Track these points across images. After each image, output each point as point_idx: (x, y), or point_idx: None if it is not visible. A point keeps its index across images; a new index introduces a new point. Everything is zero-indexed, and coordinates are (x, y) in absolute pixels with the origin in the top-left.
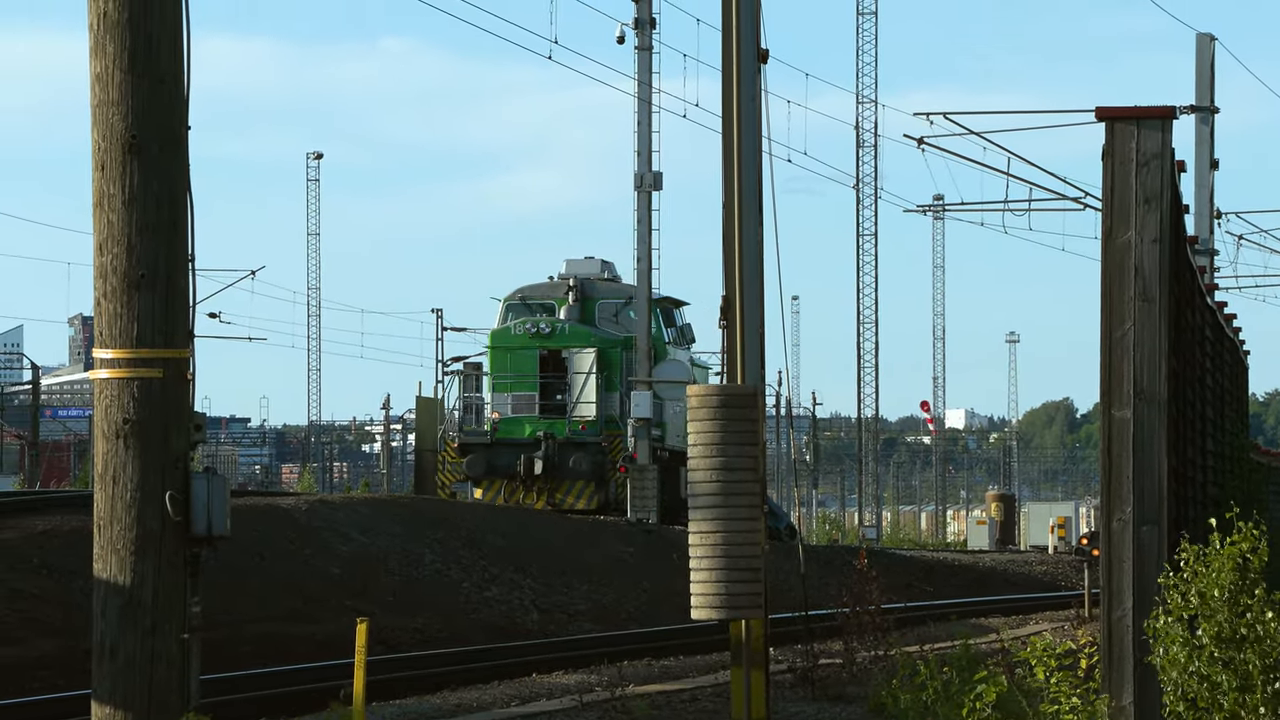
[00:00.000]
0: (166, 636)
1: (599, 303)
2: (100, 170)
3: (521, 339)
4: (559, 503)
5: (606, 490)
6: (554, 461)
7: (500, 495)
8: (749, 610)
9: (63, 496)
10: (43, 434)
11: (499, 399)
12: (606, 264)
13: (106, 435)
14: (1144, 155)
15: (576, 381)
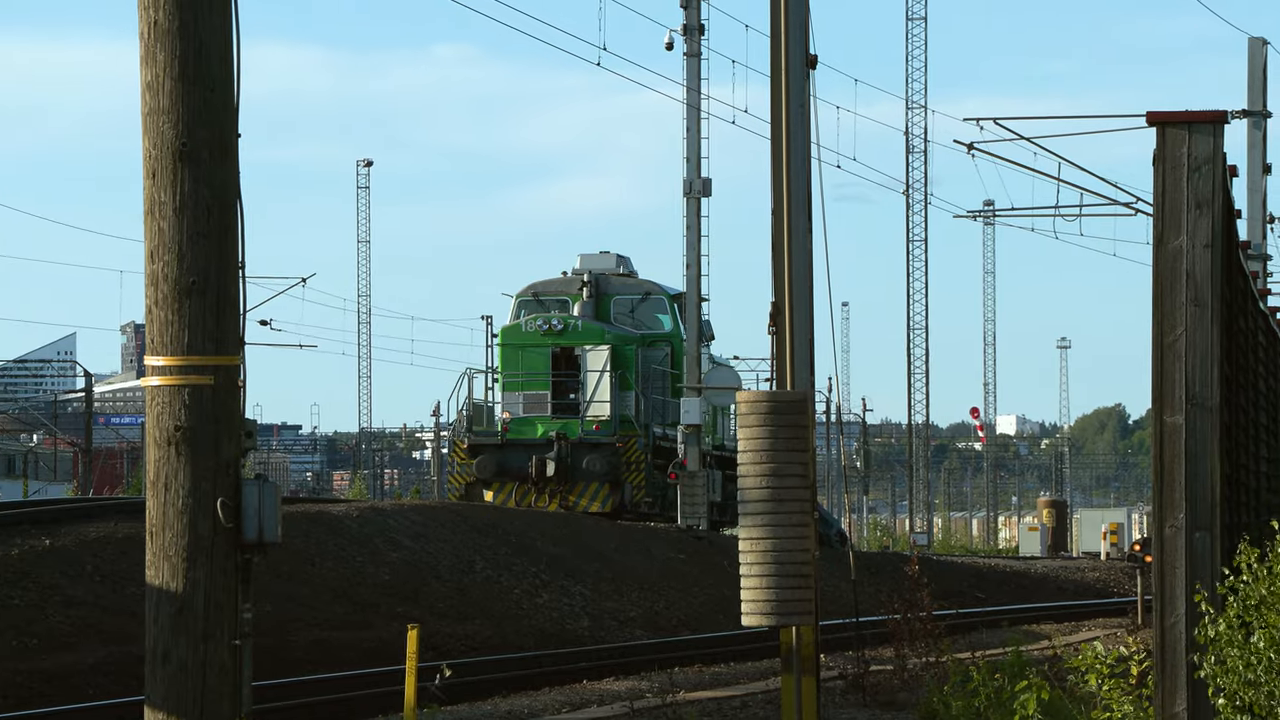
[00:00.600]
0: (218, 643)
1: (614, 299)
2: (151, 178)
3: (533, 336)
4: (572, 506)
5: (622, 493)
6: (567, 463)
7: (511, 498)
8: (800, 617)
9: (115, 503)
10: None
11: (510, 398)
12: (622, 259)
13: (158, 442)
14: (1195, 160)
15: (590, 380)
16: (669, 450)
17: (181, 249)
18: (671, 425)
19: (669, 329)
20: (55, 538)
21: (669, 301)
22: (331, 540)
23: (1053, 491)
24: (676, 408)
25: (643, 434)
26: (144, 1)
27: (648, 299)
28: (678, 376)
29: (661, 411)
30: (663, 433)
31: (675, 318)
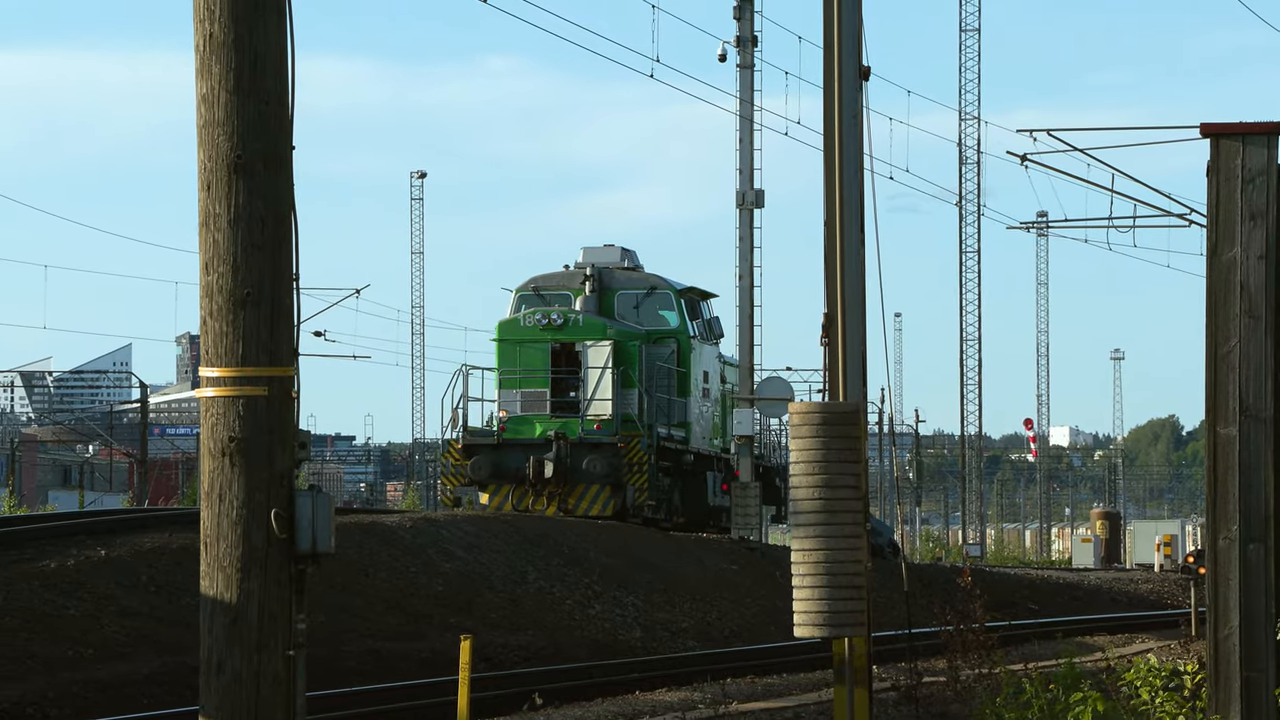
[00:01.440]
0: (272, 653)
1: (619, 294)
2: (206, 190)
3: (532, 331)
4: (572, 509)
5: (623, 495)
6: (566, 464)
7: (508, 501)
8: (852, 628)
9: (170, 514)
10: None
11: (506, 396)
12: (627, 252)
13: (212, 453)
14: (1249, 171)
15: (591, 377)
16: (674, 451)
17: (236, 261)
18: (678, 425)
19: (675, 325)
20: (111, 548)
21: (675, 297)
22: (385, 551)
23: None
24: (683, 407)
25: (646, 434)
26: (200, 14)
27: (653, 294)
28: (684, 374)
29: (667, 411)
30: (668, 433)
31: (682, 313)
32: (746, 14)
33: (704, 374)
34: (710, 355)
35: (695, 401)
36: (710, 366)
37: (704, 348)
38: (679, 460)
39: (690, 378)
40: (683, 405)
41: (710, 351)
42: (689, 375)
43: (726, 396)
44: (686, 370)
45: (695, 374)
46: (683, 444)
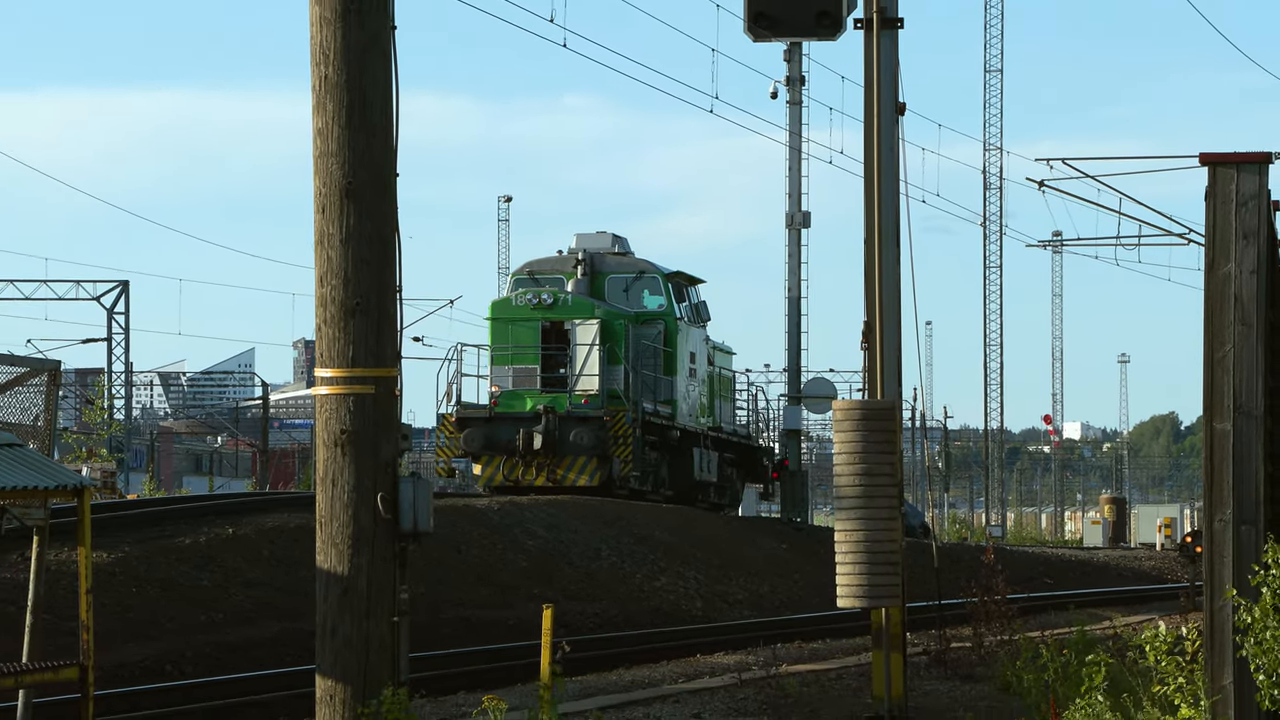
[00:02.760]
0: (378, 620)
1: (609, 277)
2: (321, 213)
3: (523, 310)
4: (560, 479)
5: (610, 466)
6: (554, 436)
7: (499, 471)
8: (888, 599)
9: (289, 497)
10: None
11: (499, 372)
12: (619, 238)
13: (326, 444)
14: (1243, 196)
15: (579, 354)
16: (661, 427)
17: (347, 275)
18: (664, 402)
19: (662, 307)
20: (237, 527)
21: (663, 281)
22: (476, 530)
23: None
24: (669, 385)
25: (631, 409)
26: (316, 58)
27: (642, 277)
28: (670, 354)
29: (653, 388)
30: (654, 409)
31: (669, 297)
32: (795, 56)
33: (691, 355)
34: (698, 337)
35: (682, 380)
36: (697, 348)
37: (691, 330)
38: (665, 435)
39: (677, 357)
40: (669, 383)
41: (698, 334)
42: (675, 355)
43: (714, 378)
44: (673, 350)
45: (682, 354)
46: (669, 420)
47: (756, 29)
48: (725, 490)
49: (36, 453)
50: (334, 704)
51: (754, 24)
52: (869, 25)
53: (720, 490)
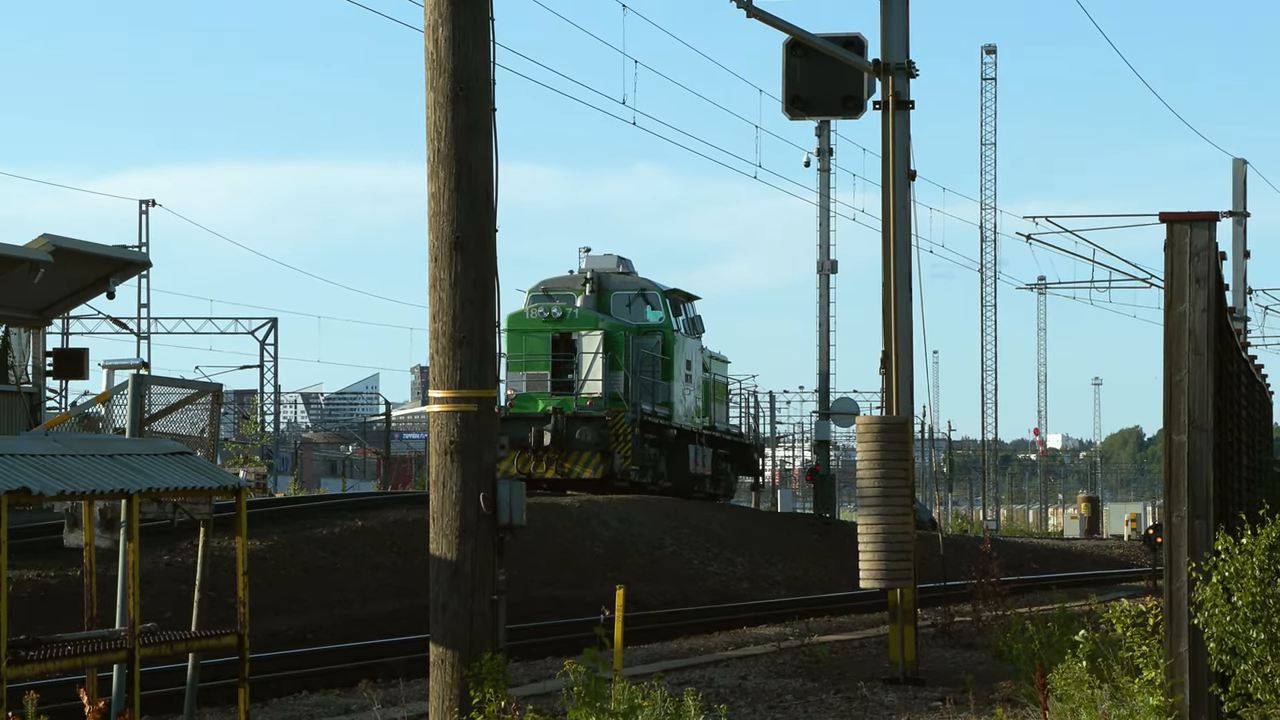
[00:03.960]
0: (481, 598)
1: (614, 294)
2: (434, 261)
3: (535, 322)
4: (567, 472)
5: (611, 461)
6: (562, 434)
7: (514, 465)
8: (902, 581)
9: (406, 496)
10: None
11: (514, 377)
12: (623, 260)
13: (438, 452)
14: (1195, 247)
15: (584, 361)
16: (658, 426)
17: (455, 313)
18: (662, 404)
19: (661, 320)
20: (365, 520)
21: (662, 297)
22: (560, 523)
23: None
24: (667, 388)
25: (631, 410)
26: (430, 135)
27: (643, 294)
28: (668, 362)
29: (651, 392)
30: (652, 410)
31: (667, 311)
32: (824, 132)
33: (687, 362)
34: (693, 347)
35: (679, 384)
36: (693, 356)
37: (687, 340)
38: (663, 434)
39: (674, 364)
40: (666, 387)
41: (693, 344)
42: (672, 362)
43: (709, 383)
44: (670, 358)
45: (678, 361)
46: (666, 420)
47: (793, 110)
48: (720, 482)
49: (203, 459)
50: (445, 666)
51: (790, 106)
52: (886, 107)
53: (715, 482)
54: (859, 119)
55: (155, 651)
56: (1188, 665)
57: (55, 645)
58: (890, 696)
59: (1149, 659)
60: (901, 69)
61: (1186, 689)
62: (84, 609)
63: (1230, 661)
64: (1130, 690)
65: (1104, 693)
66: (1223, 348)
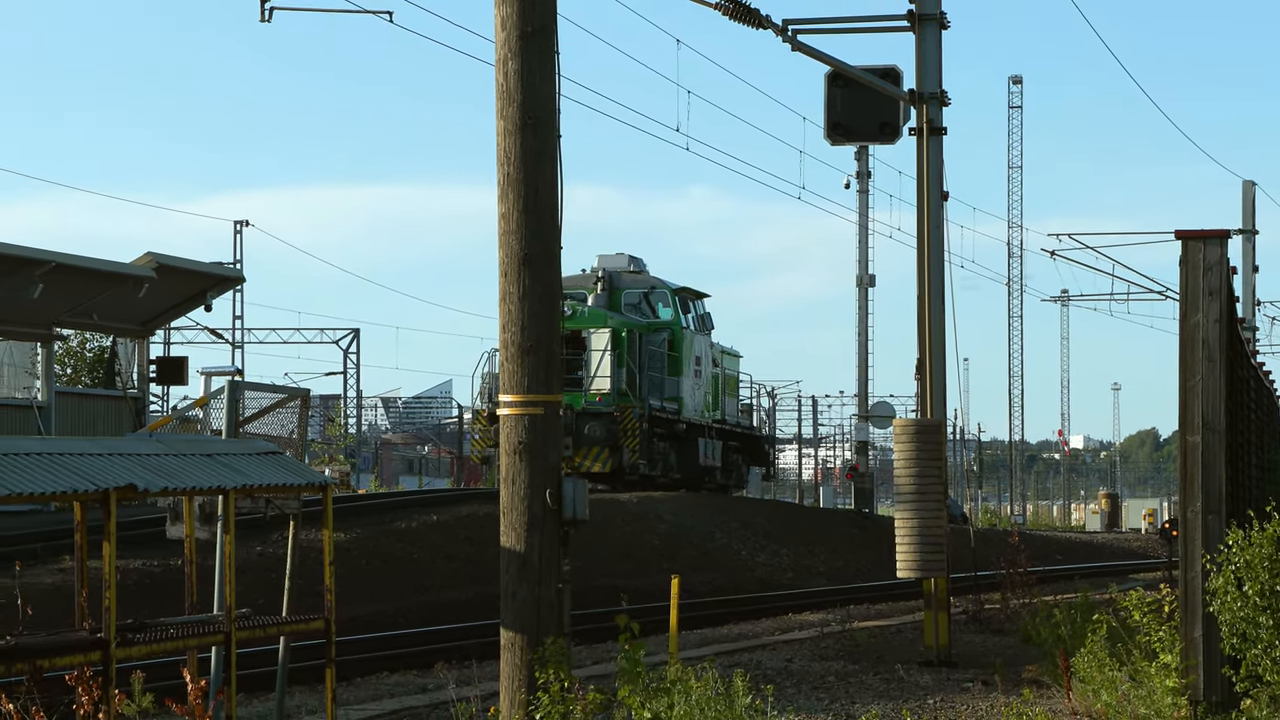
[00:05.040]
0: (547, 586)
1: (624, 292)
2: (504, 277)
3: None
4: (576, 466)
5: (620, 455)
6: (572, 429)
7: None
8: (936, 571)
9: (478, 492)
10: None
11: None
12: (634, 259)
13: (507, 452)
14: (1208, 262)
15: (593, 358)
16: (667, 420)
17: (523, 324)
18: (671, 400)
19: (669, 318)
20: (440, 514)
21: (671, 295)
22: (619, 518)
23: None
24: (675, 384)
25: (639, 405)
26: (500, 160)
27: (653, 292)
28: (676, 358)
29: (660, 388)
30: (660, 405)
31: (676, 309)
32: (863, 156)
33: (696, 358)
34: (702, 343)
35: (687, 379)
36: (702, 352)
37: (696, 337)
38: (672, 428)
39: (682, 360)
40: (675, 383)
41: (702, 340)
42: (681, 358)
43: (719, 377)
44: (679, 355)
45: (687, 357)
46: (675, 415)
47: (834, 136)
48: (730, 473)
49: (292, 458)
50: (514, 649)
51: (831, 132)
52: (920, 133)
53: (726, 473)
54: (895, 144)
55: (250, 635)
56: (1201, 649)
57: (159, 629)
58: (925, 678)
59: (1165, 644)
60: (935, 98)
61: (1200, 671)
62: (185, 595)
63: (1241, 646)
64: (1148, 672)
65: (1123, 675)
66: (1233, 355)
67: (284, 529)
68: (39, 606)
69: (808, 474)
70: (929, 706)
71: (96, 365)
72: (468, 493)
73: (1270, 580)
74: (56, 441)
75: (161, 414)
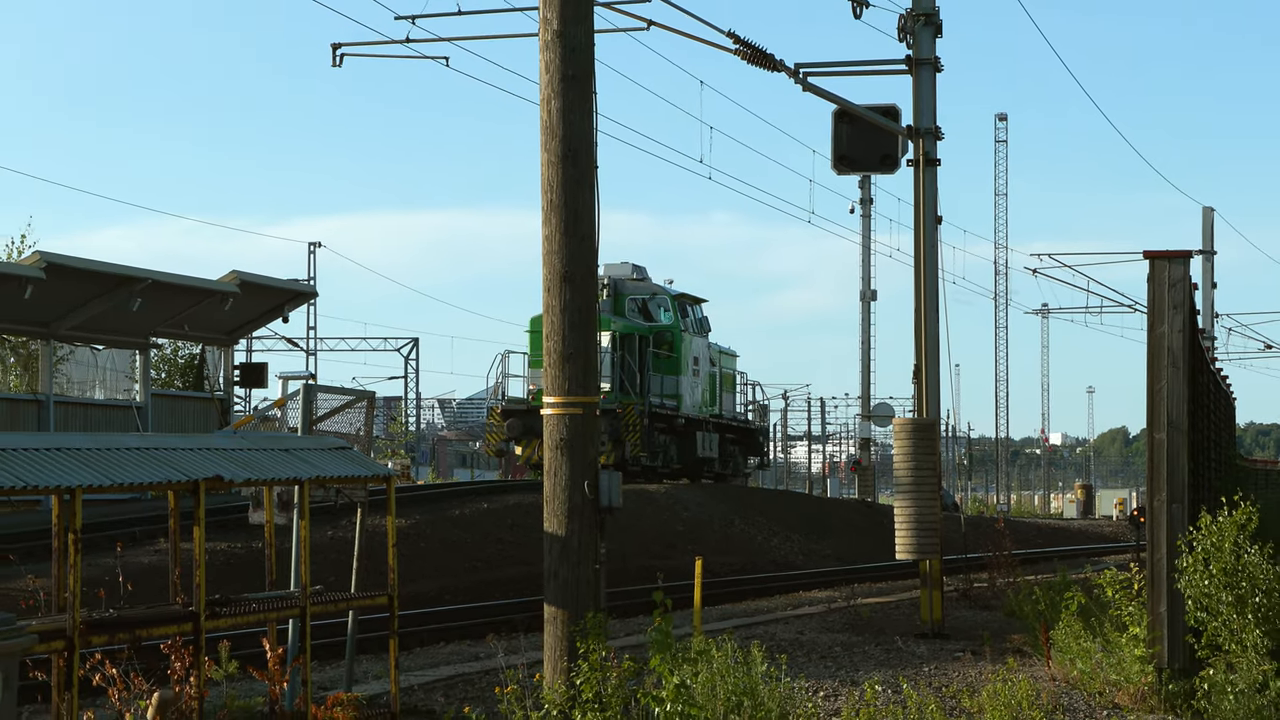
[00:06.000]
0: (585, 567)
1: (628, 298)
2: (547, 292)
3: None
4: None
5: (622, 449)
6: None
7: (535, 452)
8: (931, 553)
9: (524, 484)
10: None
11: (534, 373)
12: (638, 267)
13: (550, 447)
14: (1172, 279)
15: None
16: (667, 416)
17: (564, 334)
18: (670, 397)
19: (669, 321)
20: (490, 502)
21: (672, 301)
22: (649, 507)
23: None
24: (675, 382)
25: (640, 402)
26: (544, 188)
27: (655, 298)
28: (675, 359)
29: (661, 385)
30: (660, 402)
31: (676, 313)
32: (866, 185)
33: (694, 359)
34: (700, 345)
35: (686, 378)
36: (700, 353)
37: (694, 339)
38: (672, 423)
39: (681, 360)
40: (674, 381)
41: (700, 342)
42: (680, 359)
43: (717, 376)
44: (678, 355)
45: (686, 358)
46: (674, 410)
47: (840, 167)
48: (728, 463)
49: (360, 453)
50: (556, 623)
51: (838, 163)
52: (917, 164)
53: (723, 464)
54: (894, 174)
55: (322, 609)
56: (1166, 623)
57: (243, 603)
58: (921, 648)
59: (1134, 618)
60: (930, 133)
61: (1165, 642)
62: (265, 574)
63: (1204, 618)
64: (1118, 643)
65: (1096, 645)
66: (1195, 362)
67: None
68: (137, 584)
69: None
70: (924, 674)
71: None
72: (514, 484)
73: (1233, 561)
74: (153, 438)
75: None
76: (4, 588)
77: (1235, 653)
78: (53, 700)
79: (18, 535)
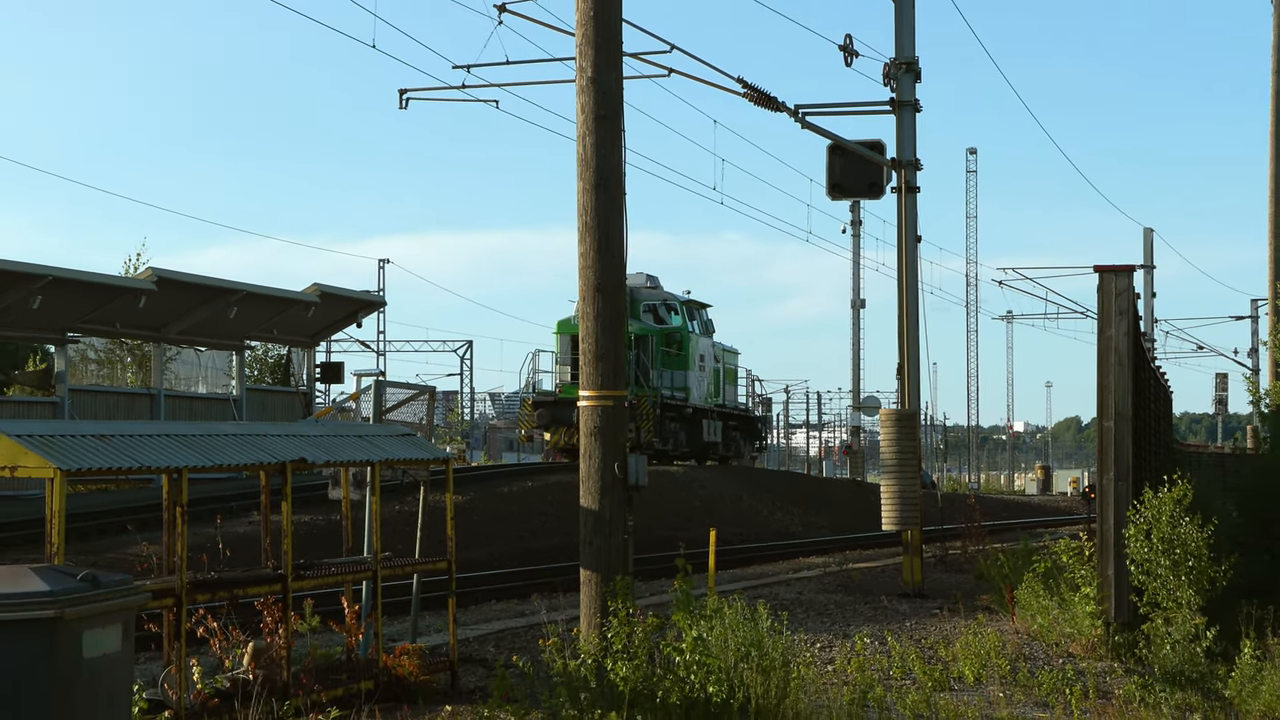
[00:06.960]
0: (616, 537)
1: (642, 303)
2: (582, 301)
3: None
4: None
5: (638, 435)
6: None
7: (562, 439)
8: (912, 525)
9: (562, 465)
10: None
11: (561, 370)
12: (651, 276)
13: (586, 434)
14: (1119, 290)
15: None
16: (677, 406)
17: (597, 337)
18: (679, 389)
19: (678, 324)
20: (534, 482)
21: (681, 306)
22: (670, 485)
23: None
24: (683, 376)
25: (652, 394)
26: (580, 211)
27: (666, 303)
28: (684, 356)
29: (670, 380)
30: (671, 394)
31: (684, 316)
32: (856, 209)
33: (700, 356)
34: (705, 344)
35: (693, 373)
36: (705, 351)
37: (700, 339)
38: (681, 412)
39: (689, 358)
40: (683, 376)
41: (705, 341)
42: (688, 356)
43: (720, 370)
44: (686, 353)
45: (693, 355)
46: (683, 401)
47: (834, 193)
48: (730, 447)
49: (422, 439)
50: (590, 585)
51: (832, 190)
52: (900, 191)
53: (726, 447)
54: (880, 200)
55: (391, 572)
56: (1113, 583)
57: (323, 567)
58: (903, 606)
59: (1085, 579)
60: (911, 164)
61: (1111, 600)
62: (342, 542)
63: (1145, 580)
64: (1072, 601)
65: (1053, 603)
66: (1138, 360)
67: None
68: (235, 550)
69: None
70: (906, 628)
71: (276, 368)
72: (554, 466)
73: (1170, 530)
74: (247, 426)
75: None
76: (122, 553)
77: (1172, 609)
78: (164, 648)
79: (134, 509)
